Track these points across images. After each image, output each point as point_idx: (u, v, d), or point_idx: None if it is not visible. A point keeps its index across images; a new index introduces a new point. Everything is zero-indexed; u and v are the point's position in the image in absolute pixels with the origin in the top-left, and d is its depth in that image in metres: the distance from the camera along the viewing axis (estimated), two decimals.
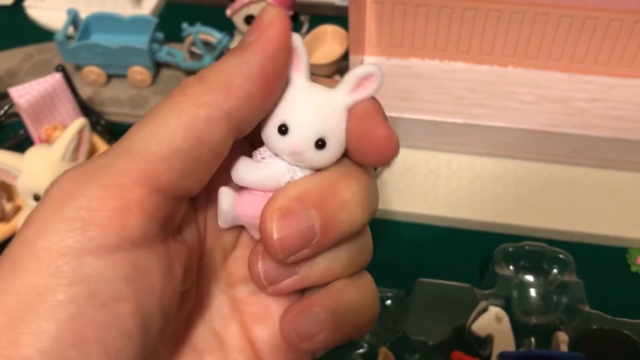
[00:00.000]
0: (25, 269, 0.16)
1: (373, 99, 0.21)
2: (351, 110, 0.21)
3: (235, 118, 0.19)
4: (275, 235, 0.19)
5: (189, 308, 0.22)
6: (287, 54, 0.20)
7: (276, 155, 0.21)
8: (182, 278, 0.20)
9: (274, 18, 0.19)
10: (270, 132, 0.21)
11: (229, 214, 0.22)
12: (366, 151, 0.21)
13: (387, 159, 0.21)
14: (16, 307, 0.16)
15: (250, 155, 0.22)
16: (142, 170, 0.18)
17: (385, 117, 0.21)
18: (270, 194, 0.21)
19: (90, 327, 0.16)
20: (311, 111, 0.20)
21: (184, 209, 0.20)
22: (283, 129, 0.20)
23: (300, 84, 0.21)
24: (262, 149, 0.22)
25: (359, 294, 0.21)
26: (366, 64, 0.21)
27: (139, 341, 0.17)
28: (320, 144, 0.20)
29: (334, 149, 0.21)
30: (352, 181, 0.21)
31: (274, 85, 0.20)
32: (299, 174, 0.21)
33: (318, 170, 0.21)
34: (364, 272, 0.22)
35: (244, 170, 0.21)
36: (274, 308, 0.22)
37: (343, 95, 0.21)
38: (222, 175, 0.21)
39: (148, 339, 0.18)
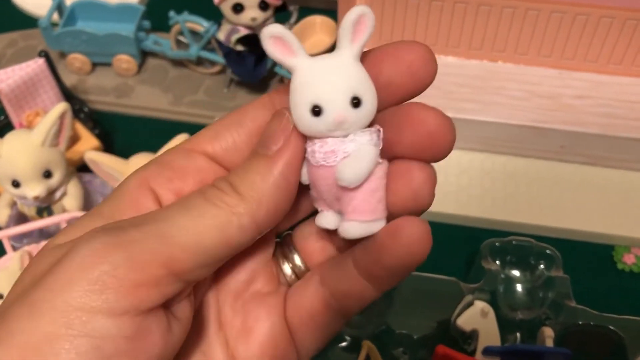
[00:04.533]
0: (42, 316, 0.19)
1: None
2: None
3: (263, 225, 0.21)
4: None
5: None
6: (302, 159, 0.22)
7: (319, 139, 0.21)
8: (180, 335, 0.21)
9: (289, 125, 0.21)
10: (306, 121, 0.20)
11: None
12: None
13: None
14: (28, 347, 0.18)
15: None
16: (168, 255, 0.20)
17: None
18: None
19: None
20: (332, 79, 0.20)
21: (191, 288, 0.22)
22: (317, 110, 0.20)
23: (304, 64, 0.20)
24: (311, 147, 0.21)
25: None
26: (352, 9, 0.20)
27: None
28: (356, 101, 0.20)
29: (369, 99, 0.20)
30: None
31: (295, 191, 0.22)
32: (350, 145, 0.21)
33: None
34: None
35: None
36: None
37: (348, 49, 0.20)
38: None
39: None
